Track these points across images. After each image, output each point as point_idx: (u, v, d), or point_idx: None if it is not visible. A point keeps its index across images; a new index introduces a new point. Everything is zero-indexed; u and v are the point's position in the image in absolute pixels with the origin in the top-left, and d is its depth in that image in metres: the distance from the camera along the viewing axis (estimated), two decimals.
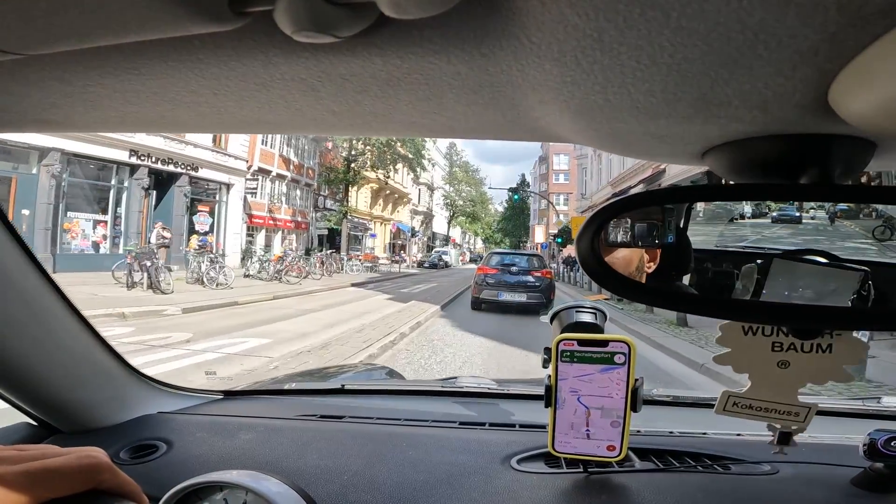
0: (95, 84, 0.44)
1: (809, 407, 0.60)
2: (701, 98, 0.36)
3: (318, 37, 0.31)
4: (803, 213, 0.48)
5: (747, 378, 0.59)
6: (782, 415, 0.61)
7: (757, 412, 0.61)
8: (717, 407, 0.63)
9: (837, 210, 0.48)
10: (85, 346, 0.88)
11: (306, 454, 0.86)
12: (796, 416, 0.61)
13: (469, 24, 0.33)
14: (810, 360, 0.56)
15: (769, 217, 0.49)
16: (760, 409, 0.61)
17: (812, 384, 0.57)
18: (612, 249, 0.48)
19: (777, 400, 0.60)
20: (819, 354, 0.55)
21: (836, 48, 0.29)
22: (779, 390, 0.59)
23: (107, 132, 0.63)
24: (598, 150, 0.51)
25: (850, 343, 0.55)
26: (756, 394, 0.60)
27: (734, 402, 0.62)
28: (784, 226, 0.49)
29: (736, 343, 0.56)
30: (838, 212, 0.48)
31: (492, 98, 0.42)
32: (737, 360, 0.57)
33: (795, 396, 0.59)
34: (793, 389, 0.59)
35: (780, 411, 0.61)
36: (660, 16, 0.28)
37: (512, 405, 1.18)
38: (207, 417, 1.05)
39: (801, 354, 0.56)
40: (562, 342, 0.73)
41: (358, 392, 1.31)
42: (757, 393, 0.60)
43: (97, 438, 0.90)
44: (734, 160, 0.45)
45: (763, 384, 0.59)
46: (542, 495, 0.73)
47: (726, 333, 0.56)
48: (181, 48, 0.37)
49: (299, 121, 0.52)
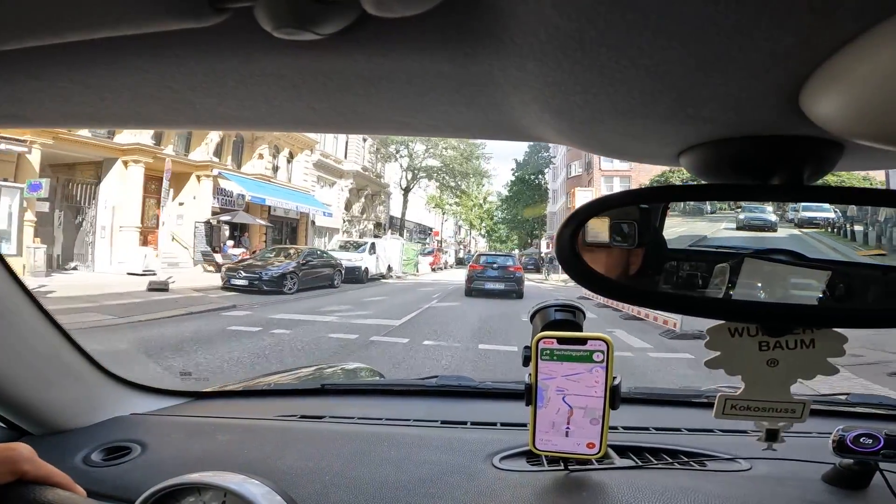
0: (67, 80, 0.43)
1: (804, 402, 0.61)
2: (678, 99, 0.37)
3: (300, 34, 0.31)
4: (777, 214, 0.50)
5: (741, 380, 0.59)
6: (780, 412, 0.61)
7: (755, 413, 0.61)
8: (715, 412, 0.62)
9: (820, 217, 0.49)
10: (53, 346, 0.85)
11: (286, 455, 0.85)
12: (793, 413, 0.61)
13: (452, 24, 0.33)
14: (796, 356, 0.56)
15: (741, 220, 0.50)
16: (759, 410, 0.61)
17: (801, 379, 0.58)
18: (597, 254, 0.49)
19: (772, 398, 0.60)
20: (804, 350, 0.56)
21: (808, 51, 0.30)
22: (772, 389, 0.60)
23: (78, 128, 0.62)
24: (579, 149, 0.52)
25: (830, 337, 0.56)
26: (751, 394, 0.60)
27: (732, 406, 0.61)
28: (756, 231, 0.50)
29: (724, 346, 0.57)
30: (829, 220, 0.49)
31: (474, 97, 0.42)
32: (727, 363, 0.57)
33: (789, 393, 0.60)
34: (785, 386, 0.59)
35: (777, 409, 0.61)
36: (639, 18, 0.28)
37: (493, 404, 1.19)
38: (183, 418, 1.03)
39: (788, 351, 0.56)
40: (541, 340, 0.74)
41: (338, 392, 1.30)
42: (752, 393, 0.60)
43: (68, 440, 0.87)
44: (709, 161, 0.46)
45: (756, 384, 0.59)
46: (523, 493, 0.74)
47: (714, 337, 0.56)
48: (158, 44, 0.37)
49: (279, 118, 0.52)
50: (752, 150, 0.44)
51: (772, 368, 0.57)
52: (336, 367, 1.96)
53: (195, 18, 0.30)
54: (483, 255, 16.20)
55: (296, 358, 5.49)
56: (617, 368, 0.73)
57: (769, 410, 0.61)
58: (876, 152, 0.42)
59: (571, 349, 0.73)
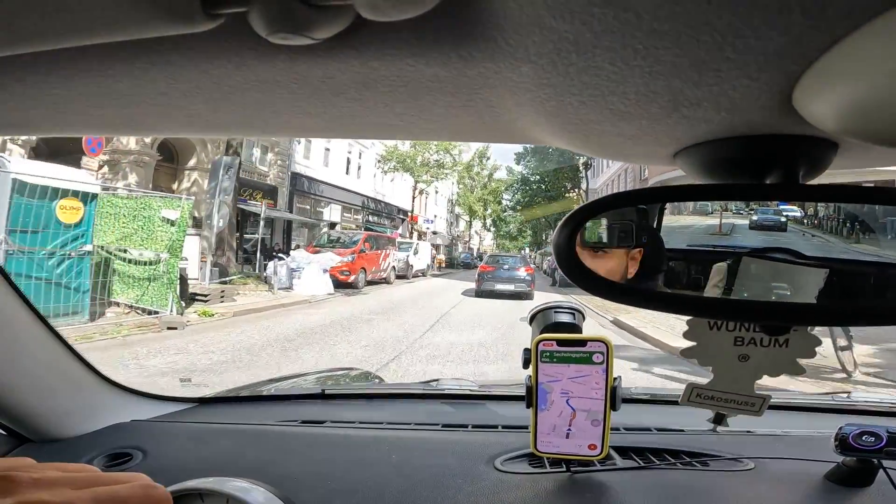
0: (60, 86, 0.43)
1: (764, 398, 0.64)
2: (672, 100, 0.37)
3: (294, 39, 0.31)
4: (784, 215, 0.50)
5: (710, 371, 0.62)
6: (740, 405, 0.65)
7: (718, 402, 0.65)
8: (682, 398, 0.66)
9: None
10: (52, 354, 0.85)
11: (288, 460, 0.84)
12: (752, 406, 0.65)
13: (446, 27, 0.33)
14: (767, 354, 0.59)
15: (754, 220, 0.50)
16: (721, 400, 0.64)
17: (767, 376, 0.60)
18: (596, 256, 0.49)
19: (736, 391, 0.64)
20: (776, 349, 0.58)
21: (800, 50, 0.30)
22: (738, 382, 0.63)
23: (70, 135, 0.61)
24: (574, 151, 0.52)
25: (805, 338, 0.58)
26: (718, 385, 0.64)
27: (697, 394, 0.65)
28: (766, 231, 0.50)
29: (701, 337, 0.59)
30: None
31: (469, 100, 0.43)
32: (701, 353, 0.60)
33: (752, 388, 0.63)
34: (750, 381, 0.62)
35: (738, 402, 0.64)
36: (633, 18, 0.28)
37: (494, 406, 1.19)
38: (184, 424, 1.03)
39: (760, 349, 0.59)
40: (541, 343, 0.73)
41: (338, 396, 1.30)
42: (719, 384, 0.63)
43: (69, 447, 0.87)
44: (704, 161, 0.46)
45: (724, 376, 0.63)
46: (526, 495, 0.74)
47: (692, 328, 0.59)
48: (151, 50, 0.36)
49: (274, 123, 0.52)
50: (747, 150, 0.44)
51: (742, 363, 0.60)
52: (336, 373, 1.96)
53: (189, 24, 0.30)
54: (493, 256, 16.61)
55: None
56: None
57: (731, 402, 0.64)
58: (871, 150, 0.42)
59: (571, 351, 0.73)
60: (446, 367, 5.37)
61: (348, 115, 0.47)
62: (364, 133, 0.54)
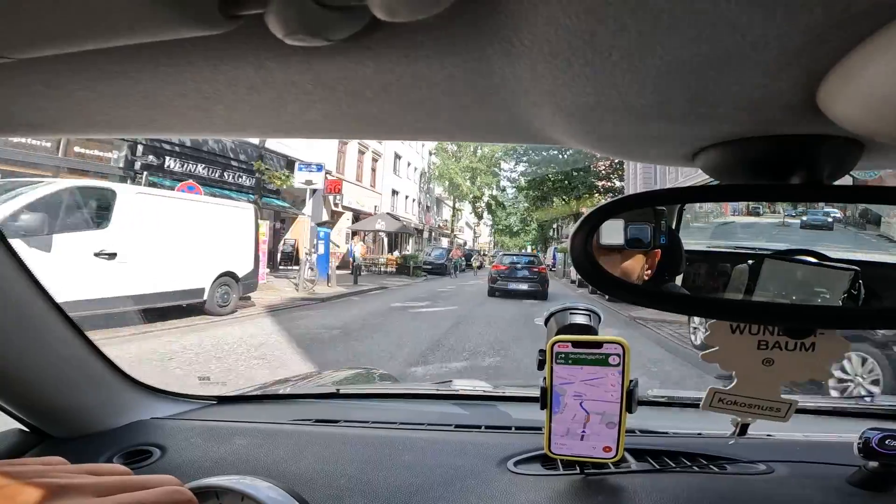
0: (83, 88, 0.44)
1: (790, 403, 0.62)
2: (691, 99, 0.36)
3: (310, 40, 0.31)
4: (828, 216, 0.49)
5: (733, 375, 0.61)
6: (765, 410, 0.63)
7: (741, 408, 0.63)
8: (703, 403, 0.64)
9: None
10: (76, 351, 0.87)
11: (302, 459, 0.85)
12: (778, 412, 0.63)
13: (461, 27, 0.33)
14: (794, 358, 0.57)
15: (804, 220, 0.49)
16: (745, 406, 0.63)
17: (794, 381, 0.59)
18: (612, 257, 0.48)
19: (761, 396, 0.62)
20: (803, 353, 0.57)
21: (823, 49, 0.29)
22: (762, 387, 0.61)
23: (94, 136, 0.63)
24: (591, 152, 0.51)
25: (833, 341, 0.56)
26: (741, 390, 0.62)
27: (720, 399, 0.63)
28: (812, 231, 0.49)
29: (723, 342, 0.57)
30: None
31: (484, 101, 0.42)
32: (724, 358, 0.58)
33: (778, 393, 0.61)
34: (775, 386, 0.61)
35: (763, 407, 0.63)
36: (650, 17, 0.28)
37: (507, 407, 1.18)
38: (201, 422, 1.04)
39: (786, 353, 0.57)
40: (556, 344, 0.73)
41: (353, 396, 1.31)
42: (742, 389, 0.62)
43: (90, 444, 0.89)
44: (725, 161, 0.45)
45: (748, 381, 0.61)
46: (539, 497, 0.73)
47: (714, 332, 0.57)
48: (171, 52, 0.37)
49: (291, 125, 0.52)
50: (769, 150, 0.43)
51: (766, 367, 0.58)
52: (350, 372, 1.97)
53: (207, 26, 0.30)
54: (506, 255, 16.55)
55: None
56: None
57: (755, 407, 0.63)
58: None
59: (587, 353, 0.72)
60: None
61: (364, 115, 0.48)
62: (379, 133, 0.54)
